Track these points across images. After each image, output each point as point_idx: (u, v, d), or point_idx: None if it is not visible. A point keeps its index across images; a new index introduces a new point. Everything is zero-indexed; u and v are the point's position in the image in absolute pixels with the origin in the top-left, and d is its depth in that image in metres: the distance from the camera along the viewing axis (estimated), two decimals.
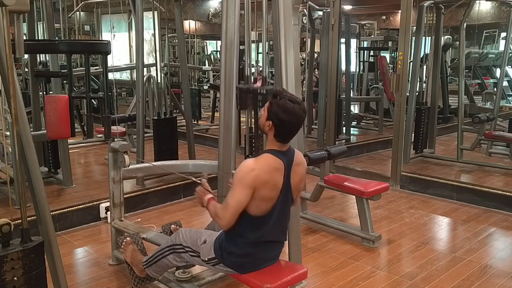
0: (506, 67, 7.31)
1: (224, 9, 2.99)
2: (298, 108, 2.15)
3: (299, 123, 2.20)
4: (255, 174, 2.12)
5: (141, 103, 4.84)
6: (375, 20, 14.00)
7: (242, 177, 2.13)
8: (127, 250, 2.87)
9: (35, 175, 2.18)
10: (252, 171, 2.12)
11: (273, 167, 2.17)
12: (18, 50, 2.23)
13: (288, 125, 2.16)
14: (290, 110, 2.13)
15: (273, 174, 2.17)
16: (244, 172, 2.14)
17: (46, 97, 3.75)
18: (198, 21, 15.11)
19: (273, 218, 2.24)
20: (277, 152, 2.20)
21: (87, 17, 11.58)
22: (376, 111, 8.61)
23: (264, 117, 2.19)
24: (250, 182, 2.11)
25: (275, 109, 2.15)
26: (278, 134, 2.18)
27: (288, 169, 2.22)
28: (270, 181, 2.15)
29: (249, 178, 2.12)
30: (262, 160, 2.18)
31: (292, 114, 2.14)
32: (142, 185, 4.71)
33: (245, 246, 2.24)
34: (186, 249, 2.45)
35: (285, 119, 2.13)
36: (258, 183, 2.12)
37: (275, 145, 2.21)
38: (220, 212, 2.21)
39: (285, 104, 2.13)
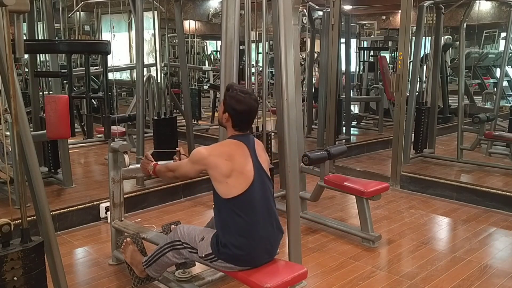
0: (506, 67, 7.31)
1: (224, 9, 2.99)
2: (249, 98, 2.38)
3: (252, 112, 2.40)
4: (203, 156, 2.34)
5: (141, 103, 4.84)
6: (375, 20, 14.01)
7: (192, 156, 2.40)
8: (127, 250, 2.88)
9: (35, 175, 2.18)
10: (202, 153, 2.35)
11: (229, 148, 2.36)
12: (18, 50, 2.23)
13: (242, 114, 2.38)
14: (242, 100, 2.36)
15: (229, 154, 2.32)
16: (195, 152, 2.39)
17: (46, 97, 3.75)
18: (198, 21, 15.12)
19: (254, 198, 2.31)
20: (235, 136, 2.42)
21: (87, 17, 11.58)
22: (376, 111, 8.61)
23: (221, 110, 2.43)
24: (197, 161, 2.37)
25: (228, 101, 2.38)
26: (235, 123, 2.40)
27: (253, 149, 2.40)
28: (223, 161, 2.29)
29: (196, 158, 2.37)
30: (216, 144, 2.47)
31: (244, 104, 2.36)
32: (142, 185, 4.71)
33: (237, 235, 2.27)
34: (184, 245, 2.47)
35: (238, 108, 2.36)
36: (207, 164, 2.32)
37: (234, 133, 2.43)
38: (172, 167, 2.55)
39: (237, 95, 2.37)
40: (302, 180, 4.17)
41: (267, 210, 2.36)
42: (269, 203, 2.40)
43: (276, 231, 2.41)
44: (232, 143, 2.38)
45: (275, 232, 2.40)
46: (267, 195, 2.39)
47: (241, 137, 2.41)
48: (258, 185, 2.33)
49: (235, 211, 2.28)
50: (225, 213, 2.31)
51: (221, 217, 2.34)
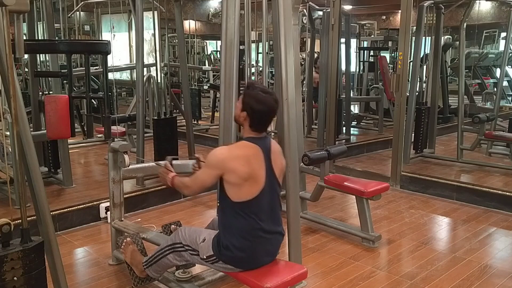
0: (506, 67, 7.31)
1: (224, 9, 2.99)
2: (270, 98, 2.28)
3: (271, 112, 2.31)
4: (223, 158, 2.25)
5: (141, 103, 4.84)
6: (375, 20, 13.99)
7: (210, 159, 2.30)
8: (127, 250, 2.88)
9: (35, 175, 2.18)
10: (221, 155, 2.27)
11: (246, 152, 2.28)
12: (18, 50, 2.23)
13: (261, 114, 2.28)
14: (262, 100, 2.26)
15: (246, 159, 2.25)
16: (213, 155, 2.29)
17: (46, 97, 3.75)
18: (198, 21, 15.12)
19: (262, 204, 2.28)
20: (251, 138, 2.32)
21: (87, 17, 11.58)
22: (376, 111, 8.61)
23: (239, 108, 2.33)
24: (216, 165, 2.26)
25: (248, 99, 2.28)
26: (252, 123, 2.30)
27: (267, 154, 2.32)
28: (240, 166, 2.23)
29: (215, 161, 2.27)
30: (233, 146, 2.35)
31: (264, 104, 2.27)
32: (142, 185, 4.71)
33: (240, 237, 2.26)
34: (185, 248, 2.46)
35: (258, 108, 2.27)
36: (226, 167, 2.23)
37: (251, 134, 2.34)
38: (188, 182, 2.41)
39: (257, 94, 2.27)
40: (302, 180, 4.17)
41: (271, 214, 2.35)
42: (275, 207, 2.38)
43: (278, 234, 2.41)
44: (249, 147, 2.30)
45: (278, 235, 2.40)
46: (274, 200, 2.37)
47: (258, 140, 2.32)
48: (267, 191, 2.30)
49: (241, 213, 2.27)
50: (231, 215, 2.30)
51: (226, 217, 2.33)
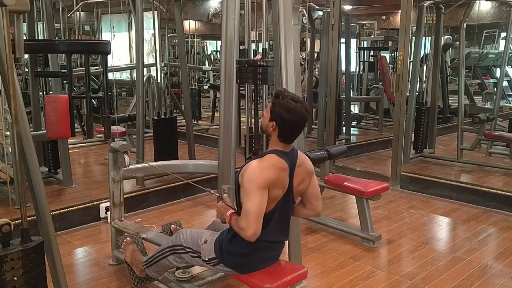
0: (506, 67, 7.30)
1: (224, 9, 2.99)
2: (300, 107, 2.14)
3: (302, 122, 2.18)
4: (266, 175, 2.10)
5: (141, 103, 4.84)
6: (375, 20, 13.99)
7: (256, 180, 2.09)
8: (127, 250, 2.87)
9: (35, 175, 2.18)
10: (261, 171, 2.10)
11: (278, 167, 2.15)
12: (18, 50, 2.23)
13: (292, 125, 2.15)
14: (293, 109, 2.12)
15: (280, 174, 2.15)
16: (255, 175, 2.10)
17: (46, 97, 3.75)
18: (198, 21, 15.11)
19: (274, 218, 2.24)
20: (280, 152, 2.19)
21: (87, 17, 11.58)
22: (376, 111, 8.61)
23: (267, 118, 2.18)
24: (264, 183, 2.09)
25: (277, 109, 2.13)
26: (281, 134, 2.17)
27: (292, 170, 2.21)
28: (277, 180, 2.14)
29: (262, 180, 2.09)
30: (266, 160, 2.16)
31: (295, 113, 2.13)
32: (142, 185, 4.71)
33: (245, 246, 2.23)
34: (186, 250, 2.45)
35: (288, 118, 2.12)
36: (270, 183, 2.11)
37: (279, 146, 2.20)
38: (241, 223, 2.11)
39: (287, 103, 2.12)
40: None
41: (281, 226, 2.31)
42: (286, 219, 2.33)
43: (282, 242, 2.40)
44: (280, 162, 2.16)
45: (284, 242, 2.40)
46: (287, 214, 2.32)
47: (285, 155, 2.19)
48: (281, 205, 2.24)
49: None
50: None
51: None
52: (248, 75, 2.91)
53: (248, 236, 2.09)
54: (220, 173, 3.22)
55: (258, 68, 2.86)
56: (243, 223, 2.10)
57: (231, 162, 3.14)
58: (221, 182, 3.17)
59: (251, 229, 2.07)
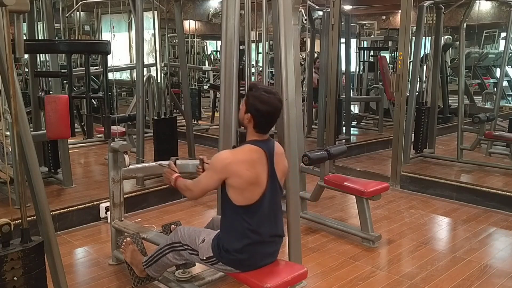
0: (506, 67, 7.30)
1: (224, 9, 2.99)
2: (274, 98, 2.26)
3: (276, 113, 2.29)
4: (227, 162, 2.22)
5: (141, 103, 4.84)
6: (375, 20, 13.99)
7: (214, 163, 2.28)
8: (127, 250, 2.88)
9: (35, 175, 2.18)
10: (225, 159, 2.24)
11: (250, 156, 2.25)
12: (18, 50, 2.23)
13: (266, 115, 2.26)
14: (267, 100, 2.24)
15: (251, 164, 2.24)
16: (217, 159, 2.27)
17: (46, 97, 3.75)
18: (198, 21, 15.11)
19: (263, 207, 2.27)
20: (256, 141, 2.30)
21: (87, 17, 11.58)
22: (376, 111, 8.61)
23: (243, 110, 2.30)
24: (220, 169, 2.24)
25: (252, 101, 2.26)
26: (257, 125, 2.28)
27: (270, 157, 2.30)
28: (245, 170, 2.21)
29: (220, 165, 2.24)
30: (238, 150, 2.31)
31: (268, 104, 2.24)
32: (142, 185, 4.71)
33: (240, 240, 2.25)
34: (185, 247, 2.47)
35: (262, 109, 2.24)
36: (230, 172, 2.21)
37: (255, 136, 2.31)
38: (190, 185, 2.39)
39: (261, 95, 2.25)
40: (302, 180, 4.17)
41: (273, 218, 2.34)
42: (277, 210, 2.37)
43: (279, 237, 2.41)
44: (253, 151, 2.27)
45: (278, 237, 2.40)
46: (276, 203, 2.36)
47: (261, 143, 2.29)
48: (268, 195, 2.29)
49: (243, 217, 2.26)
50: (232, 218, 2.29)
51: (227, 221, 2.32)
52: None
53: (191, 196, 2.44)
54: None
55: None
56: (192, 185, 2.39)
57: None
58: None
59: (195, 192, 2.37)
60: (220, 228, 2.37)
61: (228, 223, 2.31)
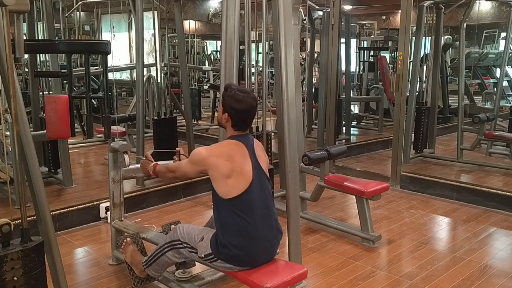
0: (506, 67, 7.31)
1: (224, 9, 2.99)
2: (248, 97, 2.37)
3: (251, 111, 2.40)
4: (203, 158, 2.34)
5: (141, 103, 4.84)
6: (375, 20, 14.00)
7: (192, 155, 2.40)
8: (127, 250, 2.88)
9: (35, 175, 2.18)
10: (201, 154, 2.36)
11: (229, 148, 2.36)
12: (18, 50, 2.23)
13: (242, 113, 2.37)
14: (241, 99, 2.35)
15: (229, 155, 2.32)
16: (195, 153, 2.39)
17: (46, 97, 3.75)
18: (198, 21, 15.11)
19: (253, 198, 2.30)
20: (235, 136, 2.41)
21: (87, 17, 11.58)
22: (376, 111, 8.61)
23: (221, 111, 2.42)
24: (197, 162, 2.37)
25: (228, 101, 2.37)
26: (234, 123, 2.39)
27: (252, 149, 2.39)
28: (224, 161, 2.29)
29: (197, 157, 2.37)
30: (215, 145, 2.44)
31: (243, 103, 2.35)
32: (142, 185, 4.71)
33: (236, 235, 2.27)
34: (184, 245, 2.47)
35: (238, 108, 2.35)
36: (207, 165, 2.32)
37: (234, 133, 2.43)
38: (172, 167, 2.55)
39: (235, 94, 2.36)
40: (302, 180, 4.17)
41: (266, 210, 2.37)
42: (268, 203, 2.40)
43: (275, 231, 2.41)
44: (232, 143, 2.38)
45: (274, 232, 2.41)
46: (266, 196, 2.40)
47: (241, 137, 2.41)
48: (257, 186, 2.33)
49: (235, 211, 2.28)
50: (225, 213, 2.31)
51: (221, 217, 2.34)
52: None
53: (172, 176, 2.57)
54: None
55: None
56: (174, 166, 2.55)
57: None
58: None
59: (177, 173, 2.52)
60: (215, 224, 2.39)
61: (222, 219, 2.33)
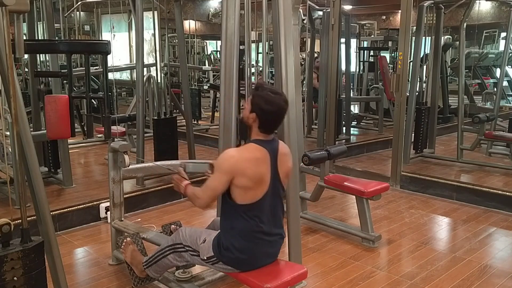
0: (506, 67, 7.31)
1: (224, 9, 2.99)
2: (279, 99, 2.25)
3: (281, 113, 2.28)
4: (233, 161, 2.21)
5: (141, 103, 4.84)
6: (375, 20, 13.99)
7: (221, 163, 2.25)
8: (127, 250, 2.87)
9: (35, 175, 2.18)
10: (231, 158, 2.23)
11: (255, 155, 2.25)
12: (18, 50, 2.23)
13: (271, 115, 2.25)
14: (272, 100, 2.23)
15: (255, 162, 2.23)
16: (223, 159, 2.25)
17: (46, 97, 3.75)
18: (198, 21, 15.11)
19: (264, 206, 2.27)
20: (260, 141, 2.29)
21: (87, 17, 11.58)
22: (376, 111, 8.61)
23: (248, 109, 2.28)
24: (227, 169, 2.21)
25: (257, 100, 2.24)
26: (261, 125, 2.27)
27: (274, 157, 2.29)
28: (250, 168, 2.21)
29: (227, 165, 2.22)
30: (242, 149, 2.31)
31: (274, 104, 2.23)
32: (142, 185, 4.71)
33: (240, 238, 2.25)
34: (186, 248, 2.46)
35: (267, 109, 2.23)
36: (236, 170, 2.20)
37: (259, 136, 2.30)
38: (199, 193, 2.33)
39: (266, 95, 2.23)
40: (302, 180, 4.17)
41: (273, 217, 2.34)
42: (277, 210, 2.37)
43: (279, 238, 2.41)
44: (257, 150, 2.26)
45: (278, 237, 2.40)
46: (277, 203, 2.36)
47: (266, 143, 2.28)
48: (270, 194, 2.28)
49: (243, 215, 2.26)
50: (233, 216, 2.29)
51: (227, 219, 2.32)
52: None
53: (200, 204, 2.33)
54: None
55: None
56: (200, 192, 2.32)
57: None
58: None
59: (204, 199, 2.30)
60: (220, 227, 2.37)
61: (228, 222, 2.31)
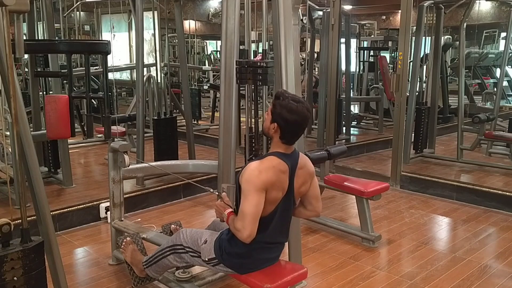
0: (506, 67, 7.31)
1: (224, 9, 2.99)
2: (302, 107, 2.12)
3: (304, 122, 2.15)
4: (264, 177, 2.08)
5: (141, 103, 4.84)
6: (375, 20, 14.00)
7: (253, 182, 2.08)
8: (127, 250, 2.87)
9: (35, 175, 2.18)
10: (260, 173, 2.09)
11: (278, 169, 2.14)
12: (18, 50, 2.23)
13: (294, 125, 2.13)
14: (295, 110, 2.10)
15: (279, 176, 2.14)
16: (254, 176, 2.08)
17: (46, 97, 3.75)
18: (198, 21, 15.11)
19: (274, 220, 2.23)
20: (281, 154, 2.17)
21: (87, 17, 11.59)
22: (376, 111, 8.62)
23: (269, 120, 2.16)
24: (262, 185, 2.08)
25: (279, 110, 2.11)
26: (283, 135, 2.15)
27: (292, 172, 2.20)
28: (277, 182, 2.13)
29: (260, 181, 2.08)
30: (266, 162, 2.14)
31: (296, 114, 2.11)
32: (142, 185, 4.71)
33: (245, 247, 2.22)
34: (186, 250, 2.45)
35: (290, 119, 2.10)
36: (268, 184, 2.10)
37: (281, 148, 2.19)
38: (237, 224, 2.11)
39: (288, 104, 2.10)
40: None
41: (281, 228, 2.31)
42: (286, 222, 2.32)
43: (281, 244, 2.40)
44: (279, 165, 2.14)
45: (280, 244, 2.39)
46: (286, 216, 2.30)
47: (286, 157, 2.17)
48: (281, 208, 2.23)
49: None
50: None
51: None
52: (248, 75, 2.91)
53: (244, 238, 2.09)
54: (220, 173, 3.22)
55: (258, 69, 2.86)
56: (239, 224, 2.10)
57: (231, 162, 3.15)
58: (221, 182, 3.17)
59: (246, 230, 2.07)
60: (225, 231, 2.33)
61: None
